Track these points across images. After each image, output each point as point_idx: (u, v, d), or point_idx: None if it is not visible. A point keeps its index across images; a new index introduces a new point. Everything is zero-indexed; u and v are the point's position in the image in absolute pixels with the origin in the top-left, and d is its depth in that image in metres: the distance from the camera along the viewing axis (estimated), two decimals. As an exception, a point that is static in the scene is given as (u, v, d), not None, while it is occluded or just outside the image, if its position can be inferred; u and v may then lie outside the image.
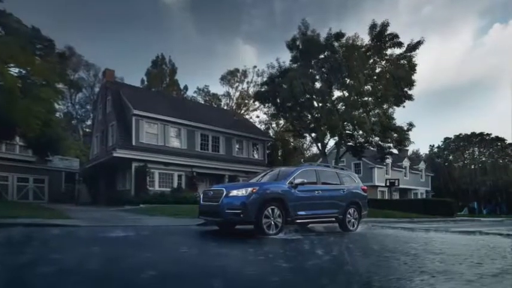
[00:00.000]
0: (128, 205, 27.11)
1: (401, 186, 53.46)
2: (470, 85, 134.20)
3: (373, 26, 35.47)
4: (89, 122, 68.84)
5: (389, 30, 35.30)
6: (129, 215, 19.57)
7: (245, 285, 5.39)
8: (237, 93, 71.73)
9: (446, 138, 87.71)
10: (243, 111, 68.03)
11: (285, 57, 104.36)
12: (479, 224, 28.56)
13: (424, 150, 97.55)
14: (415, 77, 36.39)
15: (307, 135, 45.81)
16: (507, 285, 5.88)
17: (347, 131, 37.48)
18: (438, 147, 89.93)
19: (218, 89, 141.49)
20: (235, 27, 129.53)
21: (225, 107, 67.74)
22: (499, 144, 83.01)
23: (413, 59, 36.07)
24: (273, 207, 11.69)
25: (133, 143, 32.38)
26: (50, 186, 41.05)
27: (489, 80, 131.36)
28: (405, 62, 36.16)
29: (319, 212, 13.53)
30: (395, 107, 37.45)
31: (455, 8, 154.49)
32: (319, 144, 40.45)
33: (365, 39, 36.15)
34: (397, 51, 36.22)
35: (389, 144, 38.65)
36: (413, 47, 35.70)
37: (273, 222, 11.62)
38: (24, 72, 23.60)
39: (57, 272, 5.61)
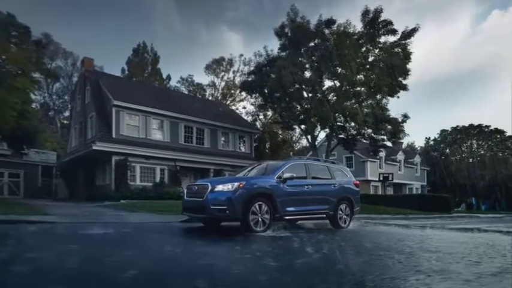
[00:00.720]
0: (107, 201, 27.12)
1: (395, 180, 53.46)
2: (468, 74, 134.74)
3: (365, 13, 35.49)
4: (66, 114, 68.82)
5: (383, 16, 35.45)
6: (109, 211, 19.59)
7: (231, 285, 5.35)
8: (223, 83, 71.94)
9: (442, 131, 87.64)
10: (229, 102, 68.24)
11: (273, 45, 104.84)
12: (477, 220, 28.73)
13: (419, 143, 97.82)
14: (409, 66, 36.51)
15: (296, 127, 45.75)
16: (507, 285, 5.86)
17: (338, 123, 37.63)
18: (434, 139, 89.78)
19: (203, 78, 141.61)
20: (220, 13, 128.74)
21: (210, 98, 67.86)
22: (499, 136, 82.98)
23: (408, 47, 36.21)
24: (260, 203, 11.66)
25: (114, 136, 32.27)
26: (25, 181, 41.05)
27: (488, 69, 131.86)
28: (399, 50, 36.27)
29: (309, 208, 13.51)
30: (389, 98, 37.37)
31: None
32: (309, 137, 40.71)
33: (357, 26, 36.19)
34: (391, 38, 36.43)
35: (382, 137, 38.82)
36: (408, 34, 35.83)
37: (260, 219, 11.59)
38: (-2, 60, 23.54)
39: (33, 271, 5.59)
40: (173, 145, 35.69)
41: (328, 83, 38.61)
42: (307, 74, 37.98)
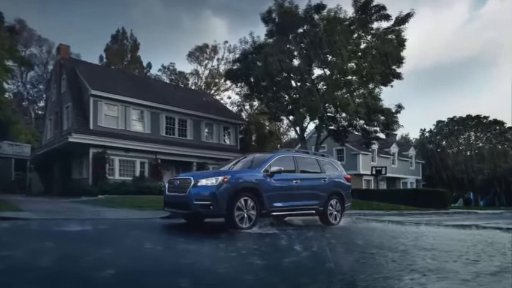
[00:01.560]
0: (84, 196, 27.00)
1: (388, 174, 53.48)
2: (466, 62, 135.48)
3: (357, -3, 35.51)
4: (41, 104, 68.52)
5: (376, 1, 35.52)
6: (86, 206, 19.48)
7: (215, 285, 5.32)
8: (206, 72, 71.99)
9: (439, 122, 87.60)
10: (213, 92, 68.30)
11: (260, 32, 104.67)
12: (475, 216, 28.79)
13: (414, 135, 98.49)
14: (404, 53, 36.73)
15: (284, 118, 45.93)
16: (506, 285, 5.78)
17: (328, 114, 37.68)
18: (430, 131, 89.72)
19: (185, 66, 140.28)
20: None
21: (193, 87, 67.83)
22: (498, 128, 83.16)
23: (402, 34, 36.43)
24: (246, 198, 11.63)
25: (91, 127, 32.22)
26: (-3, 175, 40.89)
27: (486, 56, 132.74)
28: (393, 36, 36.43)
29: (298, 204, 13.48)
30: (382, 87, 37.55)
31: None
32: (298, 128, 40.73)
33: (348, 11, 36.27)
34: (384, 24, 36.53)
35: (375, 128, 38.81)
36: (402, 20, 35.92)
37: (246, 215, 11.54)
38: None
39: (5, 270, 5.59)
40: (154, 137, 35.67)
41: (317, 72, 38.84)
42: (296, 62, 38.08)
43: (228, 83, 56.61)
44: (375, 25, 36.48)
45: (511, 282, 5.87)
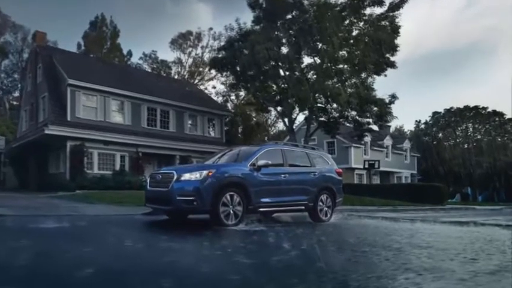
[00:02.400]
0: (62, 191, 26.94)
1: (382, 168, 53.89)
2: (463, 50, 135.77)
3: (349, -19, 35.49)
4: (16, 94, 68.17)
5: (369, -15, 35.37)
6: (63, 202, 19.44)
7: (199, 285, 5.29)
8: (190, 60, 71.53)
9: (435, 113, 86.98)
10: (197, 81, 68.07)
11: (246, 18, 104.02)
12: (473, 213, 29.21)
13: (409, 127, 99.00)
14: (398, 41, 36.66)
15: (272, 109, 46.32)
16: (506, 284, 5.76)
17: (319, 104, 37.85)
18: (425, 123, 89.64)
19: (168, 55, 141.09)
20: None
21: (176, 76, 67.41)
22: (497, 119, 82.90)
23: (397, 20, 36.36)
24: (232, 193, 11.62)
25: (69, 118, 32.18)
26: (-31, 170, 40.82)
27: (485, 44, 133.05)
28: (387, 23, 36.41)
29: (286, 199, 13.52)
30: (375, 76, 37.67)
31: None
32: (286, 120, 40.87)
33: (340, -4, 36.08)
34: (378, 10, 36.32)
35: (368, 120, 38.94)
36: (397, 5, 35.84)
37: (232, 211, 11.55)
38: None
39: None
40: (135, 129, 35.67)
41: (307, 60, 38.85)
42: (284, 50, 38.02)
43: (213, 72, 56.34)
44: (368, 11, 36.33)
45: (511, 282, 5.87)
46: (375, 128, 42.60)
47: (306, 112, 39.25)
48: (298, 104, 37.40)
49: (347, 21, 36.58)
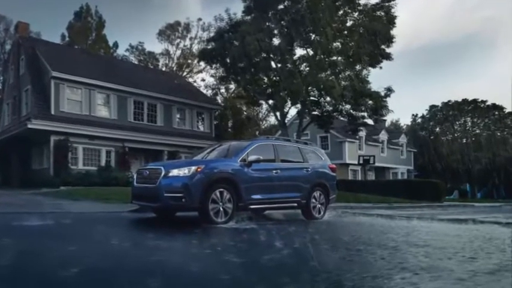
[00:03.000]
0: (45, 187, 27.04)
1: (377, 164, 53.51)
2: (462, 42, 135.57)
3: (343, -31, 35.53)
4: (-3, 87, 68.07)
5: (364, -26, 35.42)
6: (47, 199, 19.54)
7: (188, 285, 5.32)
8: (178, 52, 71.28)
9: (432, 106, 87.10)
10: (185, 74, 67.94)
11: (236, 8, 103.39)
12: (472, 210, 29.44)
13: (405, 121, 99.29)
14: (394, 32, 36.75)
15: (263, 102, 46.44)
16: (506, 284, 5.74)
17: (312, 98, 38.01)
18: (422, 117, 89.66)
19: (155, 46, 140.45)
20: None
21: (164, 69, 67.23)
22: (497, 113, 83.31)
23: (392, 10, 36.43)
24: (221, 190, 11.59)
25: (52, 112, 32.15)
26: None
27: (485, 36, 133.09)
28: (382, 13, 36.50)
29: (278, 196, 13.50)
30: (370, 69, 37.94)
31: None
32: (278, 114, 40.95)
33: (334, -15, 36.10)
34: (373, 0, 36.41)
35: (363, 114, 39.01)
36: (393, -5, 35.99)
37: (221, 208, 11.50)
38: None
39: None
40: (121, 123, 35.67)
41: (300, 52, 39.00)
42: (276, 41, 38.07)
43: (202, 64, 56.29)
44: (363, 1, 36.39)
45: (511, 282, 5.86)
46: (370, 122, 42.52)
47: (299, 106, 39.39)
48: (291, 97, 37.40)
49: (341, 12, 36.64)
